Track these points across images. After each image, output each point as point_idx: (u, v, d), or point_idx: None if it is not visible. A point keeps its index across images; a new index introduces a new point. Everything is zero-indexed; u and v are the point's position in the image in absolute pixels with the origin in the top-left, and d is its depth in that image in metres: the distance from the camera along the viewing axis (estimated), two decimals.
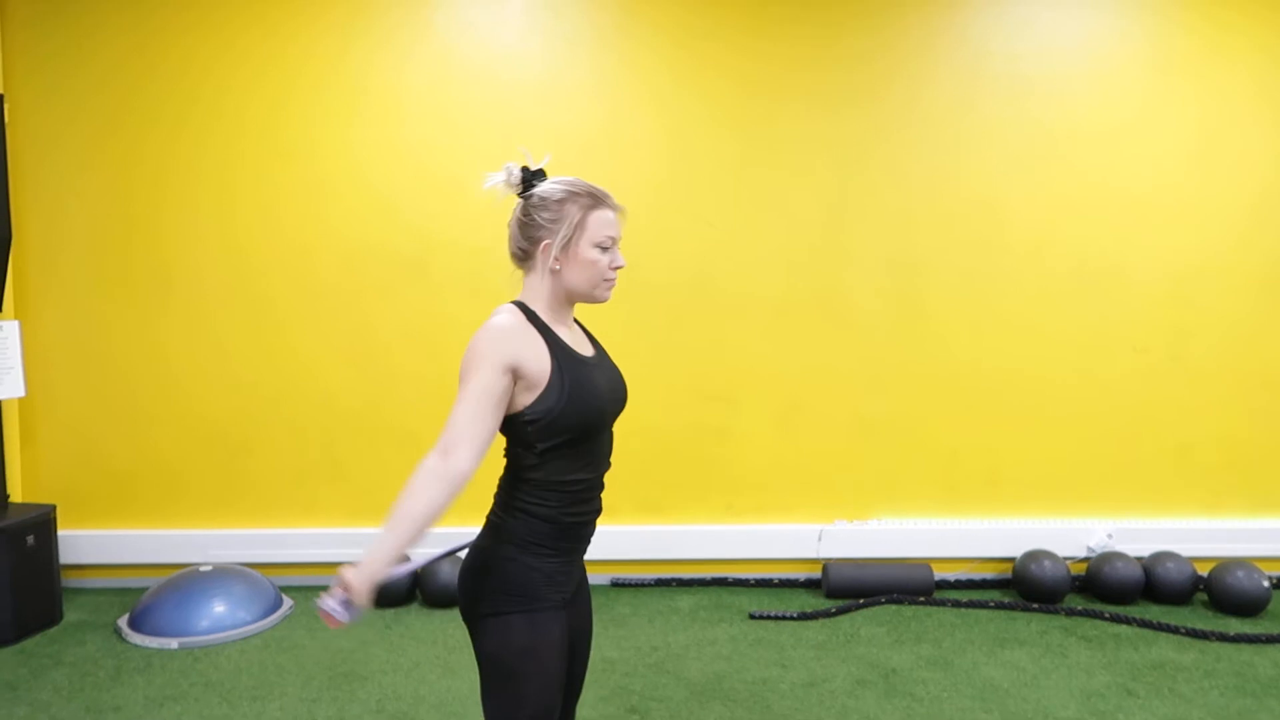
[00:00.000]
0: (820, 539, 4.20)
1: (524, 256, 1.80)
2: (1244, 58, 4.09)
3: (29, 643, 3.57)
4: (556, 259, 1.74)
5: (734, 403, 4.20)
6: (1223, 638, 3.62)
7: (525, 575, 1.71)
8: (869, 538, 4.20)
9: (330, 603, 1.59)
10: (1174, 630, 3.70)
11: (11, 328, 3.65)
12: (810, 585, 4.22)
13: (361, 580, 1.61)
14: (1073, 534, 4.20)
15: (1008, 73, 4.10)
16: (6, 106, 3.88)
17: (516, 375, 1.66)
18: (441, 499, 1.61)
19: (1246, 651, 3.52)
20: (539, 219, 1.75)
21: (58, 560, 3.80)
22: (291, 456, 4.15)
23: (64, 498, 4.06)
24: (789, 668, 3.38)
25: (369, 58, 4.01)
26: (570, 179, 1.78)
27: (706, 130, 4.10)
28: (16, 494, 4.02)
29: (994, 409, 4.24)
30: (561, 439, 1.69)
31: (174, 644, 3.52)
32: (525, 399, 1.67)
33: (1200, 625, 3.73)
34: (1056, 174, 4.15)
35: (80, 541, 4.09)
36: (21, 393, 3.71)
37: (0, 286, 3.60)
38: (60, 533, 3.94)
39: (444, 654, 3.47)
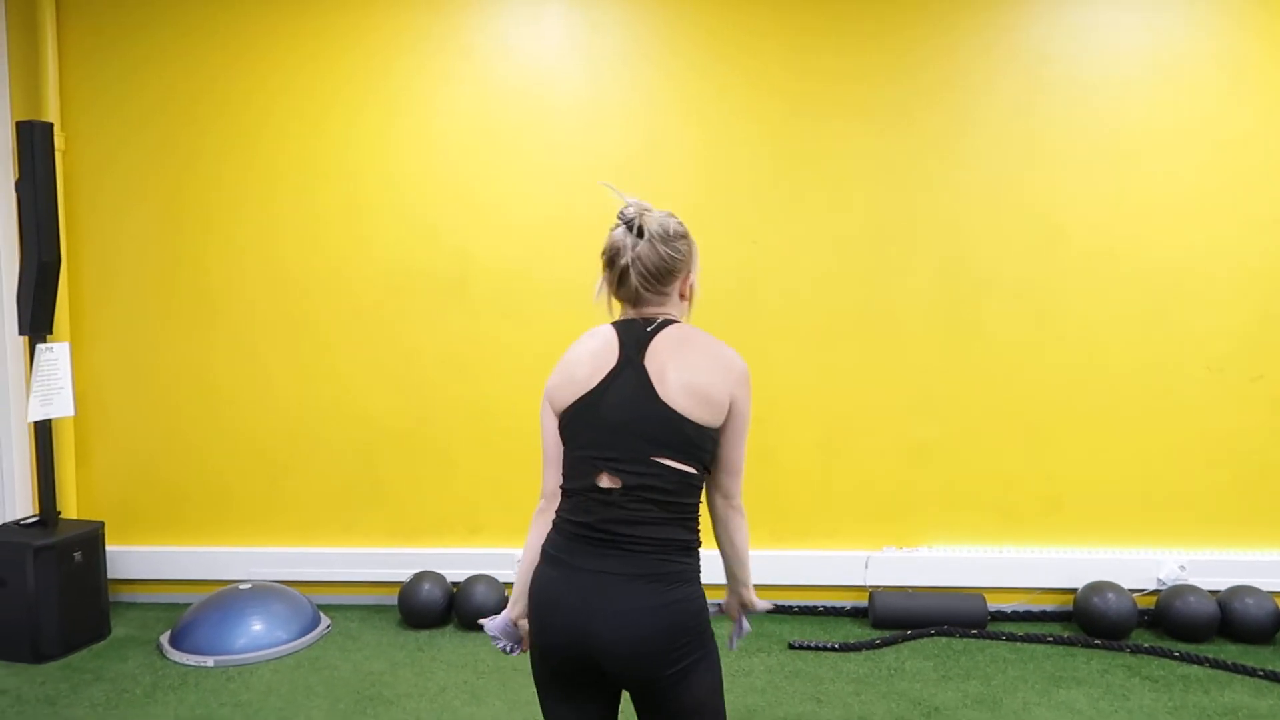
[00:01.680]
0: (867, 566, 4.03)
1: (663, 287, 1.77)
2: None
3: (75, 657, 3.65)
4: (692, 287, 1.83)
5: (778, 424, 4.07)
6: None
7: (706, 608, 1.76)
8: (919, 565, 4.02)
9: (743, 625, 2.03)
10: (1250, 673, 3.42)
11: (62, 349, 3.76)
12: (856, 614, 4.05)
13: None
14: (1141, 565, 3.94)
15: (1067, 77, 3.90)
16: (62, 135, 4.02)
17: None
18: None
19: None
20: (681, 250, 1.77)
21: (105, 576, 3.89)
22: (332, 476, 4.18)
23: (115, 514, 4.16)
24: (825, 703, 3.23)
25: (408, 82, 4.03)
26: (664, 211, 1.81)
27: (750, 146, 4.00)
28: (70, 510, 4.13)
29: (1055, 430, 4.01)
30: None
31: (210, 662, 3.56)
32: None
33: None
34: (1121, 183, 3.92)
35: (131, 557, 4.18)
36: (71, 412, 3.81)
37: (50, 309, 3.71)
38: (111, 549, 4.03)
39: (472, 679, 3.43)
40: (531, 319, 4.05)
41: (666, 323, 1.74)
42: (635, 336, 1.72)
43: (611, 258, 1.75)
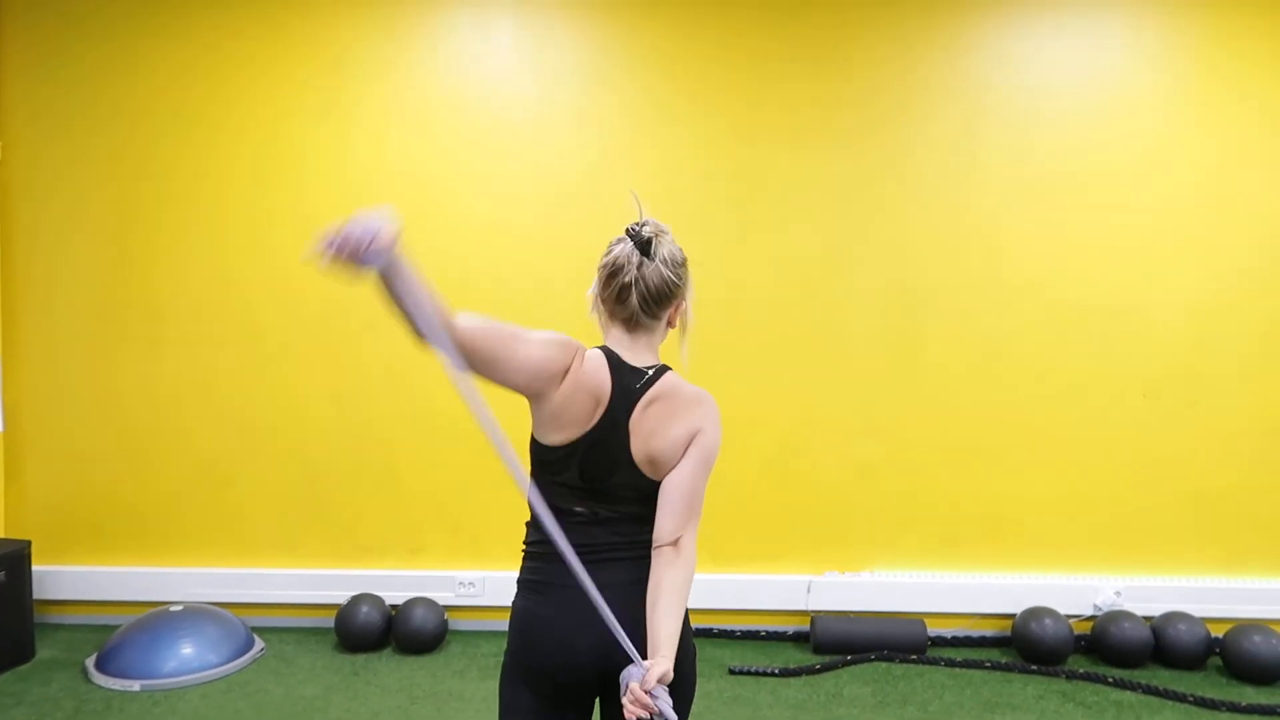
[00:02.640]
0: (810, 590, 4.03)
1: (660, 311, 1.73)
2: (1256, 92, 3.91)
3: None
4: (685, 315, 1.78)
5: (723, 447, 4.06)
6: (1234, 708, 3.38)
7: None
8: (861, 590, 4.02)
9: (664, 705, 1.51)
10: (1182, 699, 3.46)
11: None
12: (799, 639, 4.05)
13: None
14: (1078, 591, 3.98)
15: (1010, 106, 3.97)
16: (0, 144, 3.95)
17: None
18: None
19: None
20: (682, 277, 1.74)
21: (31, 597, 3.78)
22: (273, 495, 4.11)
23: (45, 532, 4.05)
24: None
25: (359, 96, 4.01)
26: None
27: (697, 168, 4.01)
28: None
29: (996, 456, 4.06)
30: None
31: (136, 686, 3.46)
32: None
33: (1211, 694, 3.49)
34: (1062, 211, 3.99)
35: (60, 577, 4.08)
36: None
37: None
38: (40, 568, 3.93)
39: (406, 704, 3.37)
40: None
41: (657, 375, 1.70)
42: (627, 389, 1.67)
43: (613, 272, 1.69)
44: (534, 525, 1.75)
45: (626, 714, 1.47)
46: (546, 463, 1.70)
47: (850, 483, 4.08)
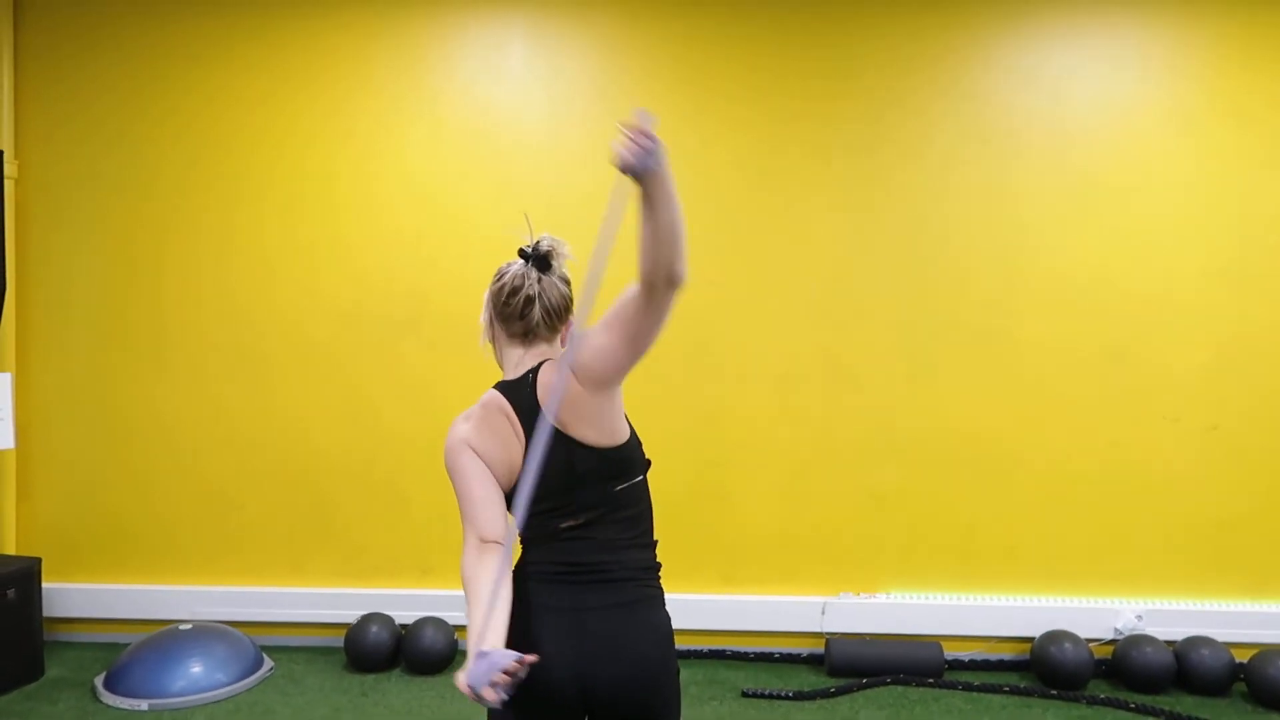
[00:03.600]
0: (824, 612, 3.97)
1: (559, 324, 1.78)
2: (1276, 113, 3.86)
3: (4, 699, 3.52)
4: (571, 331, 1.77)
5: (735, 467, 4.04)
6: None
7: None
8: (876, 612, 3.96)
9: None
10: None
11: (3, 380, 3.68)
12: (813, 661, 3.99)
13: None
14: (1098, 614, 3.90)
15: (1028, 121, 3.93)
16: (15, 163, 3.97)
17: None
18: None
19: None
20: (570, 291, 1.78)
21: (40, 615, 3.77)
22: (281, 515, 4.09)
23: (55, 550, 4.04)
24: None
25: (363, 119, 4.02)
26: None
27: (709, 190, 3.99)
28: (9, 546, 4.02)
29: (1014, 479, 4.00)
30: None
31: (144, 705, 3.44)
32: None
33: None
34: (1084, 233, 3.94)
35: (69, 595, 4.06)
36: (11, 444, 3.72)
37: None
38: (49, 586, 3.92)
39: None
40: (486, 359, 3.99)
41: (536, 368, 1.72)
42: (523, 398, 1.70)
43: (512, 291, 1.73)
44: (525, 547, 1.76)
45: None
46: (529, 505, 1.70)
47: (866, 504, 4.02)
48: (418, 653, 3.78)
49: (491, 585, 1.56)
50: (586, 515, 1.68)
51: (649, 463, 1.79)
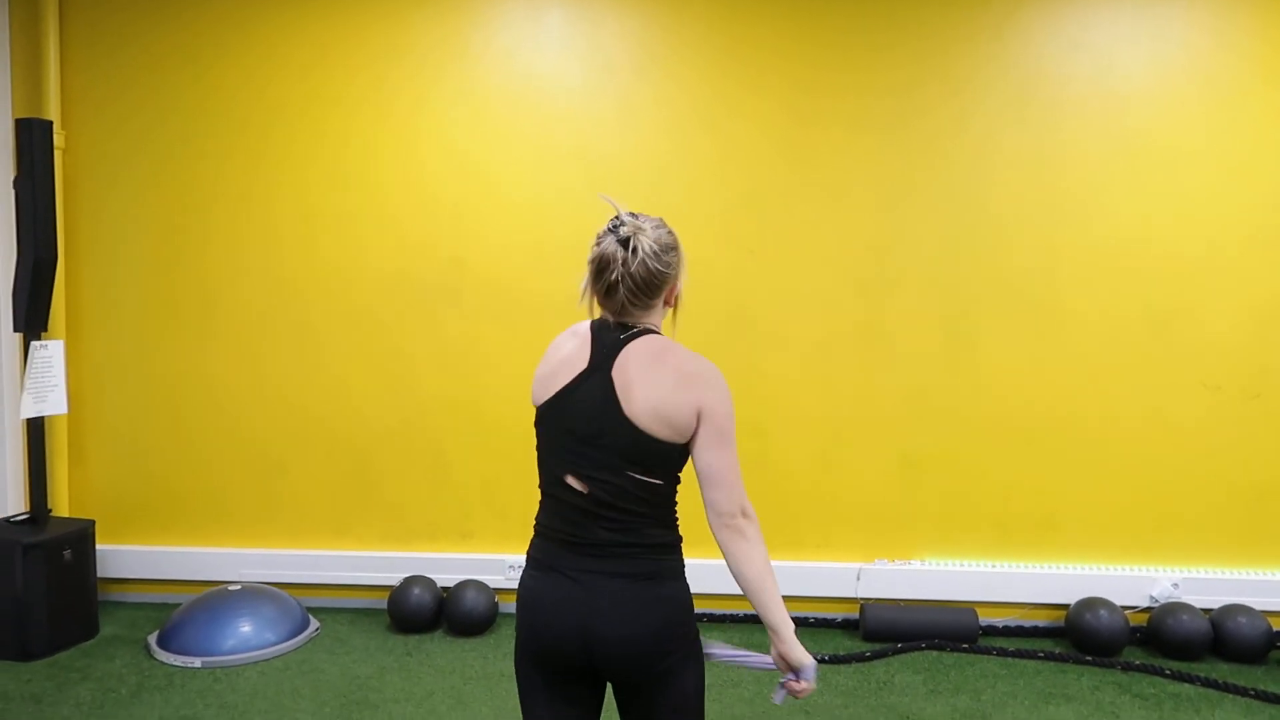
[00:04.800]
0: (859, 578, 4.01)
1: (649, 300, 1.74)
2: None
3: (62, 656, 3.64)
4: (678, 296, 1.80)
5: (771, 434, 4.06)
6: None
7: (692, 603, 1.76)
8: (911, 578, 4.00)
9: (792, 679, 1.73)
10: (1242, 692, 3.40)
11: (56, 347, 3.76)
12: (848, 626, 4.04)
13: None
14: (1134, 582, 3.92)
15: (1062, 98, 3.89)
16: (63, 134, 4.03)
17: None
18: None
19: None
20: (670, 263, 1.73)
21: (95, 575, 3.88)
22: (326, 479, 4.17)
23: (107, 513, 4.15)
24: (813, 715, 3.21)
25: (405, 88, 4.04)
26: (653, 218, 1.77)
27: (748, 158, 3.99)
28: (62, 509, 4.13)
29: (1051, 447, 4.00)
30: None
31: (197, 663, 3.55)
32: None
33: (1272, 687, 3.42)
34: (1123, 201, 3.91)
35: (122, 556, 4.18)
36: (64, 410, 3.81)
37: (45, 307, 3.71)
38: (102, 547, 4.03)
39: (459, 684, 3.42)
40: (526, 325, 4.05)
41: (643, 332, 1.71)
42: (608, 343, 1.70)
43: (600, 268, 1.71)
44: (541, 506, 1.79)
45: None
46: (539, 426, 1.75)
47: (901, 472, 4.05)
48: (460, 614, 3.86)
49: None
50: (592, 483, 1.66)
51: (679, 480, 1.75)
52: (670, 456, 1.67)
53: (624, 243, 1.68)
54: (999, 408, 3.99)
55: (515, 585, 4.04)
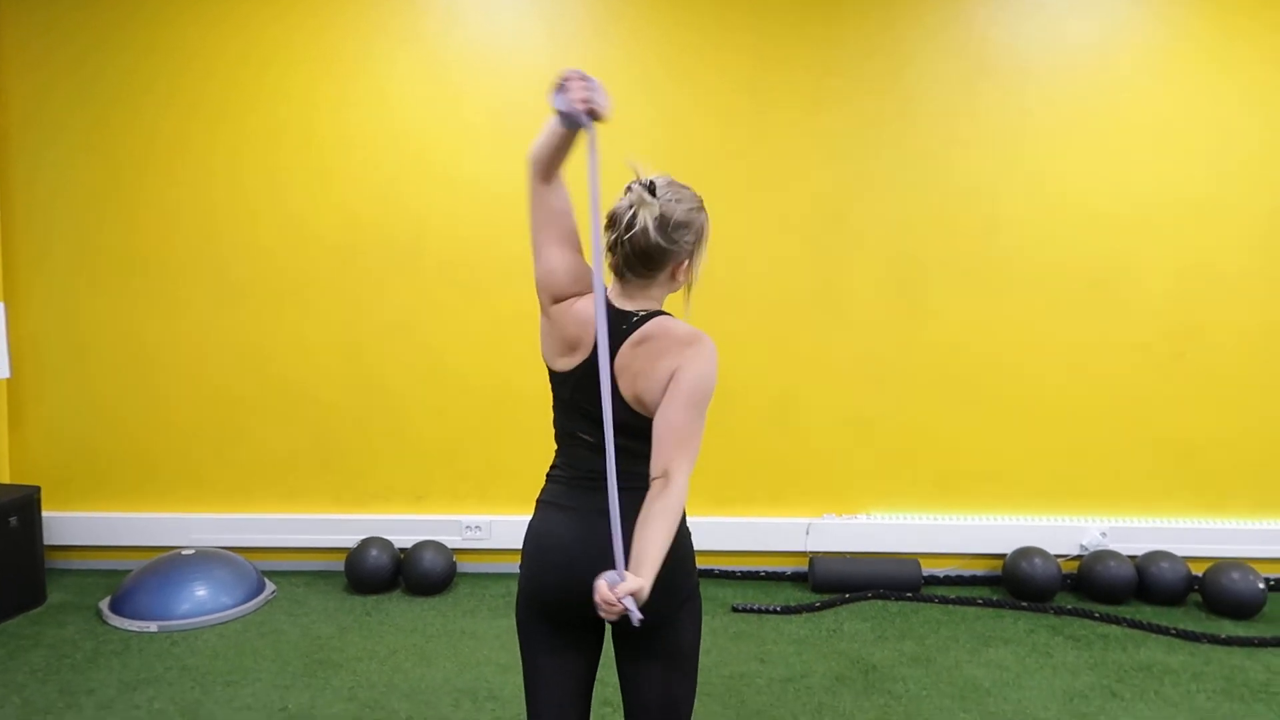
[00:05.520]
0: (808, 532, 4.15)
1: (647, 271, 1.73)
2: (1263, 50, 3.98)
3: (10, 623, 3.58)
4: (689, 273, 1.79)
5: (725, 395, 4.06)
6: (1214, 640, 3.55)
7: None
8: (858, 532, 4.15)
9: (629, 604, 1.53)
10: (1164, 631, 3.63)
11: None
12: (797, 579, 4.18)
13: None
14: (1065, 532, 4.13)
15: (1009, 67, 4.02)
16: None
17: None
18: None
19: (1238, 655, 3.45)
20: (678, 240, 1.71)
21: (41, 542, 3.81)
22: (277, 441, 4.14)
23: (50, 479, 4.06)
24: (768, 662, 3.34)
25: (362, 46, 3.98)
26: (682, 191, 1.76)
27: (702, 125, 4.04)
28: (4, 475, 4.03)
29: (990, 405, 4.17)
30: None
31: (153, 627, 3.52)
32: None
33: (1192, 627, 3.66)
34: (1059, 169, 4.06)
35: (66, 523, 4.10)
36: (6, 374, 3.72)
37: None
38: (46, 514, 3.94)
39: (421, 642, 3.46)
40: (481, 285, 4.06)
41: (646, 319, 1.72)
42: (615, 334, 1.70)
43: (609, 224, 1.72)
44: (557, 452, 1.81)
45: (600, 612, 1.52)
46: (554, 385, 1.78)
47: (848, 430, 4.18)
48: (418, 575, 3.89)
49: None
50: (600, 435, 1.68)
51: None
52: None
53: (632, 217, 1.69)
54: (944, 368, 4.14)
55: (472, 546, 4.12)
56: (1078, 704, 3.05)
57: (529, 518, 1.80)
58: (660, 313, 1.74)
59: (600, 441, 1.66)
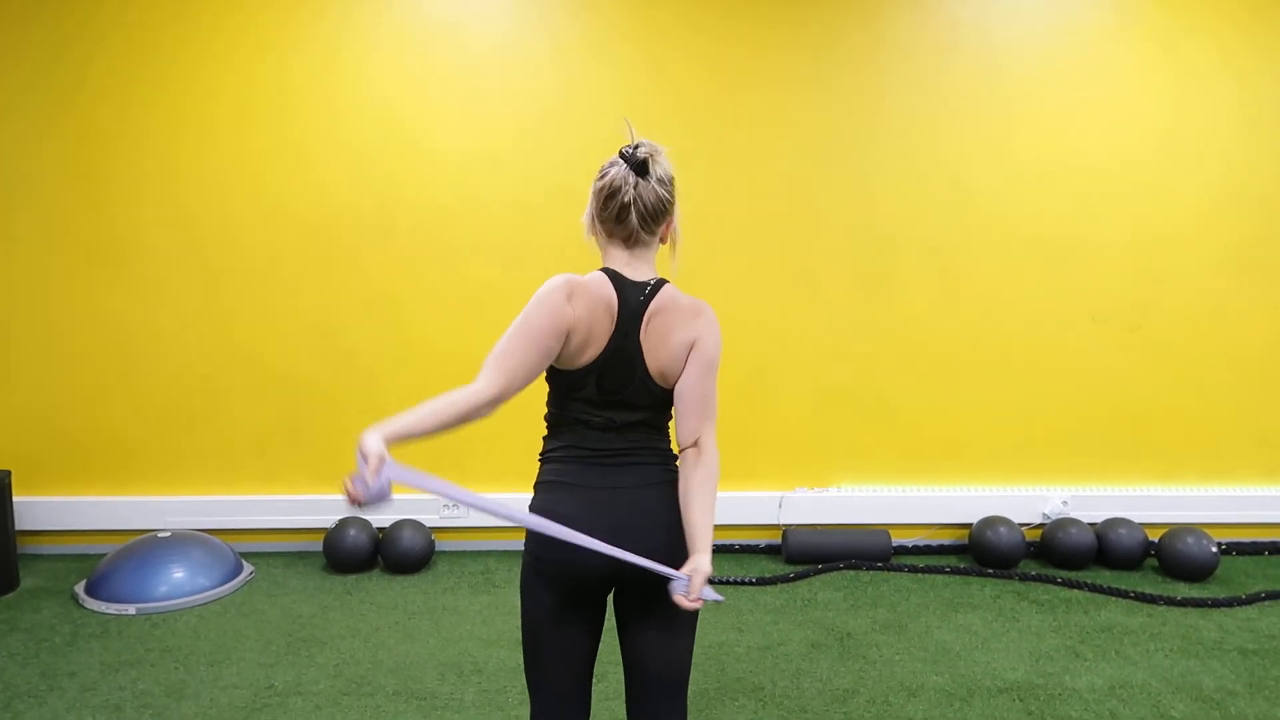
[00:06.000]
0: (781, 506, 4.24)
1: (656, 227, 1.82)
2: (1211, 32, 4.11)
3: None
4: (675, 231, 1.87)
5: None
6: (1170, 602, 3.70)
7: None
8: (829, 504, 4.25)
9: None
10: (1123, 595, 3.77)
11: None
12: (771, 551, 4.27)
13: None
14: (1029, 501, 4.26)
15: (975, 46, 4.10)
16: None
17: None
18: None
19: (1193, 615, 3.60)
20: (672, 192, 1.82)
21: (13, 527, 3.77)
22: (251, 422, 4.13)
23: (21, 464, 4.02)
24: (746, 631, 3.42)
25: (336, 22, 3.95)
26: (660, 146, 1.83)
27: (669, 104, 4.08)
28: None
29: (956, 379, 4.28)
30: None
31: (131, 609, 3.51)
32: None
33: (1149, 590, 3.81)
34: (1021, 147, 4.17)
35: (38, 508, 4.06)
36: None
37: None
38: (17, 499, 3.91)
39: (404, 619, 3.49)
40: (456, 262, 4.06)
41: (658, 287, 1.78)
42: (632, 305, 1.75)
43: (610, 194, 1.77)
44: (553, 435, 1.84)
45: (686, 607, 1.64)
46: (568, 383, 1.79)
47: (819, 405, 4.27)
48: (397, 553, 3.91)
49: (447, 400, 1.63)
50: (622, 418, 1.77)
51: None
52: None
53: (638, 167, 1.76)
54: (909, 342, 4.24)
55: (450, 524, 4.13)
56: (1043, 664, 3.17)
57: (507, 496, 1.83)
58: (663, 281, 1.81)
59: (611, 421, 1.72)
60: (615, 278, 1.77)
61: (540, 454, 1.87)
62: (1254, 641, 3.34)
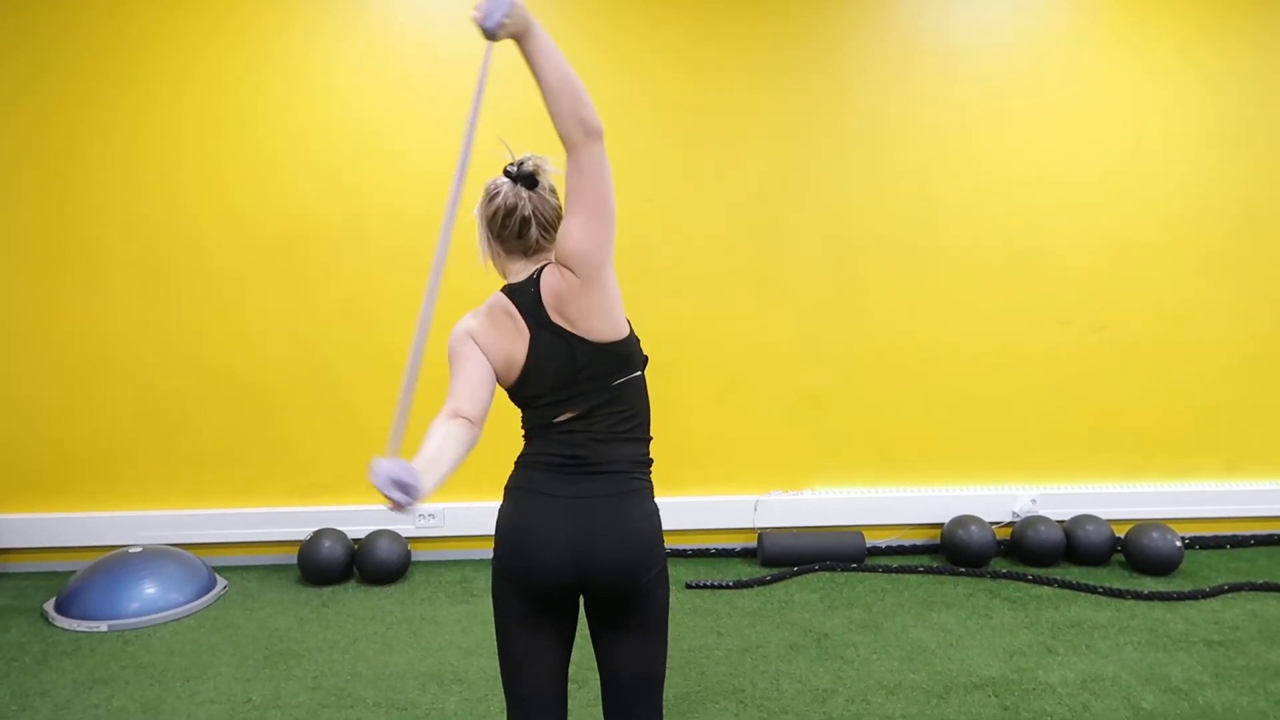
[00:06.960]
0: (756, 509, 4.27)
1: (554, 234, 1.85)
2: (1174, 36, 4.22)
3: None
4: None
5: (672, 376, 4.21)
6: (1137, 596, 3.78)
7: None
8: (804, 507, 4.29)
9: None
10: (1092, 590, 3.85)
11: None
12: (746, 555, 4.30)
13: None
14: (999, 500, 4.33)
15: (941, 51, 4.18)
16: None
17: None
18: None
19: (1159, 609, 3.68)
20: (559, 201, 1.85)
21: None
22: (224, 435, 4.09)
23: None
24: (724, 635, 3.44)
25: (304, 31, 3.94)
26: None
27: (644, 107, 4.11)
28: None
29: (926, 381, 4.35)
30: None
31: (103, 627, 3.46)
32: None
33: (1117, 585, 3.89)
34: (988, 151, 4.25)
35: (3, 526, 3.99)
36: None
37: None
38: None
39: (382, 630, 3.47)
40: (428, 270, 4.04)
41: (539, 273, 1.81)
42: (528, 300, 1.79)
43: (507, 213, 1.83)
44: (532, 440, 1.85)
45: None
46: (524, 398, 1.82)
47: (792, 408, 4.31)
48: (373, 564, 3.89)
49: (441, 438, 1.72)
50: (584, 407, 1.77)
51: (646, 359, 1.88)
52: (630, 348, 1.80)
53: (527, 180, 1.83)
54: (881, 345, 4.30)
55: (426, 534, 4.12)
56: (1017, 660, 3.22)
57: (483, 504, 1.84)
58: (543, 267, 1.82)
59: (575, 424, 1.75)
60: (506, 289, 1.83)
61: (518, 456, 1.89)
62: (1219, 633, 3.42)
